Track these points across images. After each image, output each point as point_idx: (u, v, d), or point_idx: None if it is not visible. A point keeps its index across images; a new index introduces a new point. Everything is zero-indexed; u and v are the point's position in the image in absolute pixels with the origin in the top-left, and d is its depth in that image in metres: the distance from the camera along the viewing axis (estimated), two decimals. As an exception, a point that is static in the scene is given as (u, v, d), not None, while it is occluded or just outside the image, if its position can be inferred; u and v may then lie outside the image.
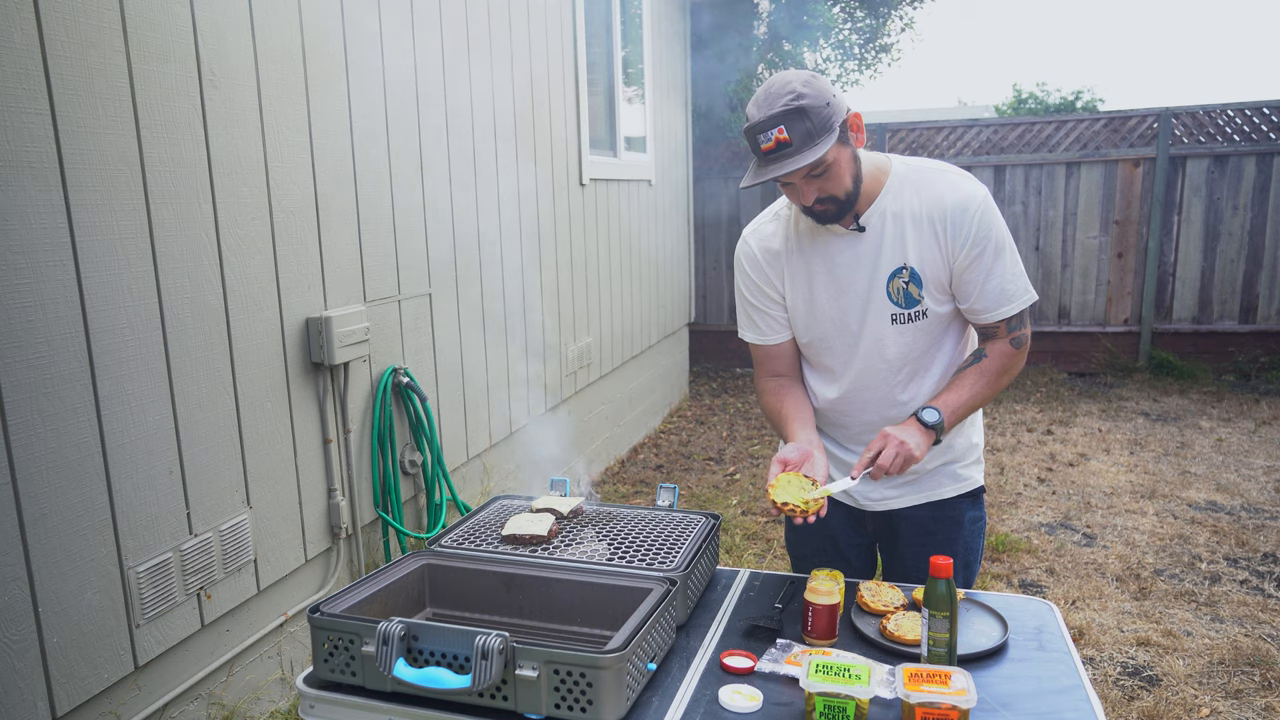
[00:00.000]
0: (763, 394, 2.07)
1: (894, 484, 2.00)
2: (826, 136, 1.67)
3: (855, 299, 1.87)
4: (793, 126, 1.65)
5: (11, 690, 1.88)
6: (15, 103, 1.84)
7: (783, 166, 1.67)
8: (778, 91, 1.67)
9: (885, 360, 1.89)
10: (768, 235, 1.97)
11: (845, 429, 2.02)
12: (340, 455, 2.95)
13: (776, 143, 1.66)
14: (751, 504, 4.89)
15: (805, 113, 1.65)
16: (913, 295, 1.84)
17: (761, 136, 1.67)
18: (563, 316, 4.75)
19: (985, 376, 1.85)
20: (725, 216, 8.29)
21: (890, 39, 8.58)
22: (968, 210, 1.78)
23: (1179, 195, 7.21)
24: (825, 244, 1.88)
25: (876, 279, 1.85)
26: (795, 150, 1.66)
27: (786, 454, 1.82)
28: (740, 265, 2.00)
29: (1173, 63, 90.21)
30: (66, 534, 1.99)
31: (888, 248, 1.83)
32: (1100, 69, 71.31)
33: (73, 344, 1.99)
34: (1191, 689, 2.98)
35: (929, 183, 1.82)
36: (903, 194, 1.82)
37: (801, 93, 1.66)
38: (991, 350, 1.87)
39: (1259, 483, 4.92)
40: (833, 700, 1.33)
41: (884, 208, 1.82)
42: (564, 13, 4.69)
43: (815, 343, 1.96)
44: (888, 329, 1.87)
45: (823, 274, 1.89)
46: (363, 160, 3.01)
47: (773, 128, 1.66)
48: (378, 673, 1.38)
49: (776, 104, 1.66)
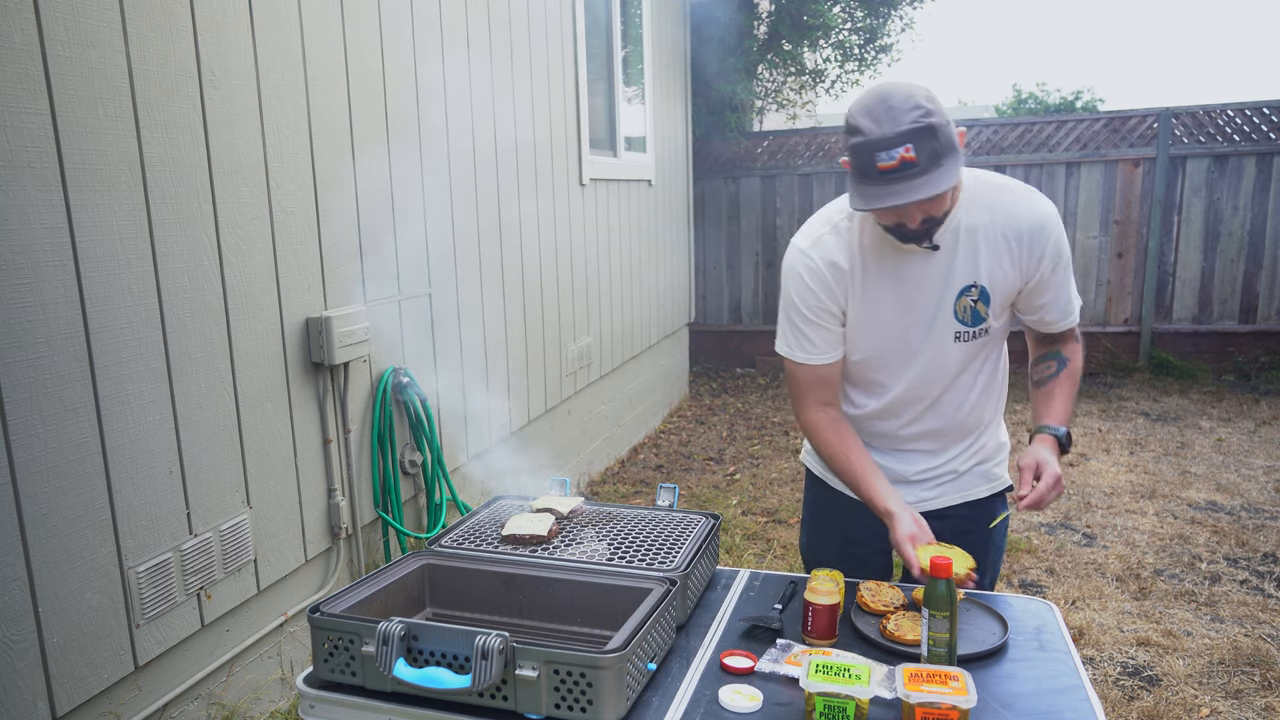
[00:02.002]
0: (816, 429, 1.93)
1: (932, 485, 2.00)
2: (953, 158, 1.57)
3: (920, 317, 1.82)
4: (921, 145, 1.54)
5: (11, 690, 1.88)
6: (15, 103, 1.84)
7: (912, 191, 1.55)
8: (901, 105, 1.55)
9: (940, 375, 1.88)
10: (830, 249, 1.83)
11: (882, 436, 2.00)
12: (340, 455, 2.95)
13: (901, 162, 1.54)
14: (751, 504, 4.89)
15: (934, 131, 1.54)
16: (979, 313, 1.82)
17: (882, 155, 1.54)
18: (563, 316, 4.75)
19: (1076, 379, 1.94)
20: (725, 216, 8.29)
21: (890, 39, 8.57)
22: (1045, 229, 1.77)
23: (1179, 195, 7.20)
24: (895, 261, 1.79)
25: (945, 297, 1.80)
26: (921, 171, 1.55)
27: (908, 530, 1.75)
28: (798, 279, 1.85)
29: (1173, 63, 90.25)
30: (66, 534, 1.99)
31: (960, 265, 1.78)
32: (1100, 69, 71.40)
33: (73, 344, 1.99)
34: (1191, 689, 2.98)
35: (1001, 199, 1.78)
36: (974, 210, 1.76)
37: (929, 109, 1.55)
38: (1069, 350, 1.94)
39: (1259, 483, 4.92)
40: (833, 700, 1.33)
41: (957, 223, 1.76)
42: (564, 12, 4.69)
43: (869, 360, 1.90)
44: (950, 346, 1.84)
45: (890, 291, 1.82)
46: (363, 160, 3.01)
47: (898, 146, 1.53)
48: (378, 673, 1.38)
49: (903, 120, 1.54)
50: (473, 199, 3.75)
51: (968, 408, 1.93)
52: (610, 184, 5.46)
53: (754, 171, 8.14)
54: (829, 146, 8.00)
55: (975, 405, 1.94)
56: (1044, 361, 1.95)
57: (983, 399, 1.95)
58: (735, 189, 8.22)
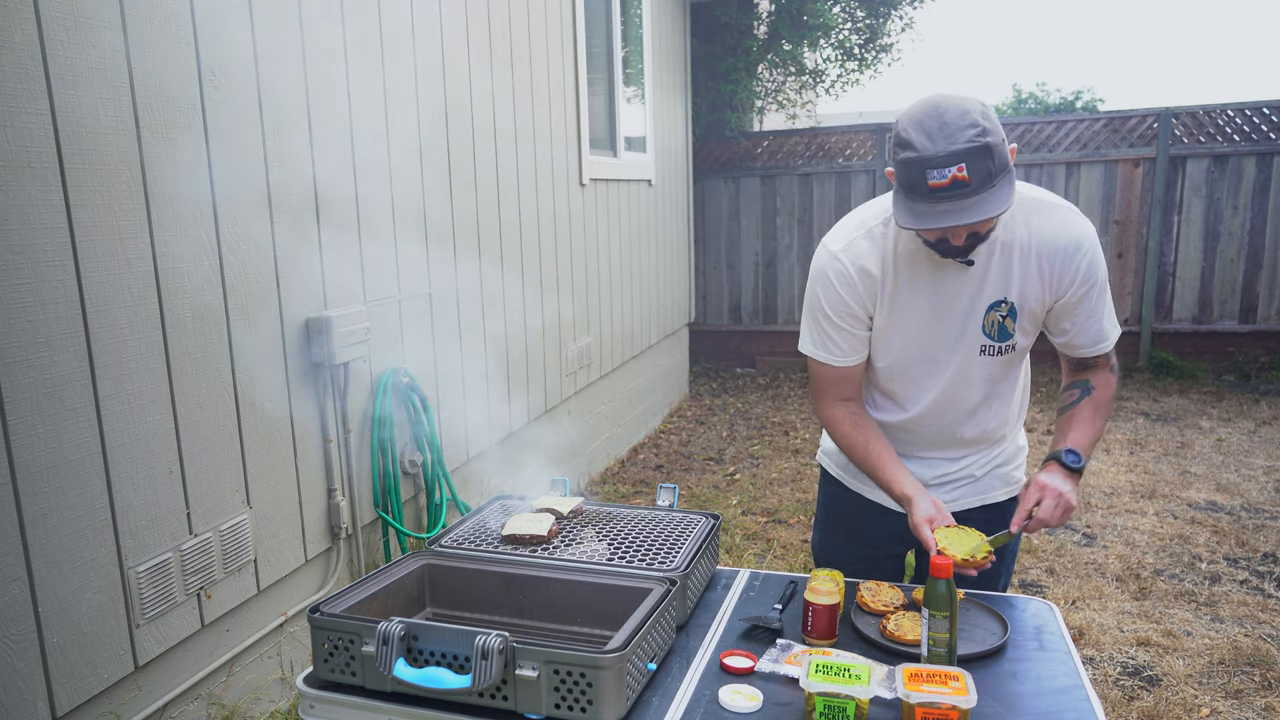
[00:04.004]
0: (835, 422, 1.93)
1: (952, 489, 1.99)
2: (1006, 178, 1.53)
3: (949, 329, 1.81)
4: (975, 166, 1.50)
5: (11, 690, 1.88)
6: (15, 103, 1.84)
7: (962, 213, 1.52)
8: (956, 121, 1.51)
9: (966, 389, 1.87)
10: (862, 254, 1.80)
11: (909, 443, 1.99)
12: (340, 455, 2.95)
13: (953, 180, 1.50)
14: (751, 504, 4.89)
15: (990, 151, 1.50)
16: (1007, 329, 1.80)
17: (935, 172, 1.50)
18: (563, 316, 4.75)
19: (1099, 409, 1.86)
20: (725, 216, 8.29)
21: (890, 39, 8.58)
22: (1081, 248, 1.74)
23: (1179, 195, 7.20)
24: (929, 272, 1.77)
25: (975, 310, 1.79)
26: (973, 191, 1.51)
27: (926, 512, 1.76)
28: (826, 280, 1.83)
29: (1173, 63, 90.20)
30: (66, 534, 1.99)
31: (992, 280, 1.76)
32: (1100, 69, 71.27)
33: (73, 344, 1.99)
34: (1191, 689, 2.98)
35: (1039, 216, 1.75)
36: (1012, 225, 1.74)
37: (986, 127, 1.51)
38: (1097, 380, 1.87)
39: (1259, 483, 4.92)
40: (833, 700, 1.33)
41: (994, 238, 1.73)
42: (564, 12, 4.69)
43: (892, 368, 1.89)
44: (975, 360, 1.83)
45: (921, 301, 1.80)
46: (363, 159, 3.01)
47: (951, 165, 1.49)
48: (378, 673, 1.38)
49: (958, 138, 1.50)
50: (473, 199, 3.75)
51: (990, 419, 1.92)
52: (610, 184, 5.46)
53: (754, 171, 8.14)
54: (829, 146, 8.00)
55: (997, 416, 1.93)
56: (1070, 389, 1.90)
57: (1004, 411, 1.94)
58: (735, 189, 8.22)
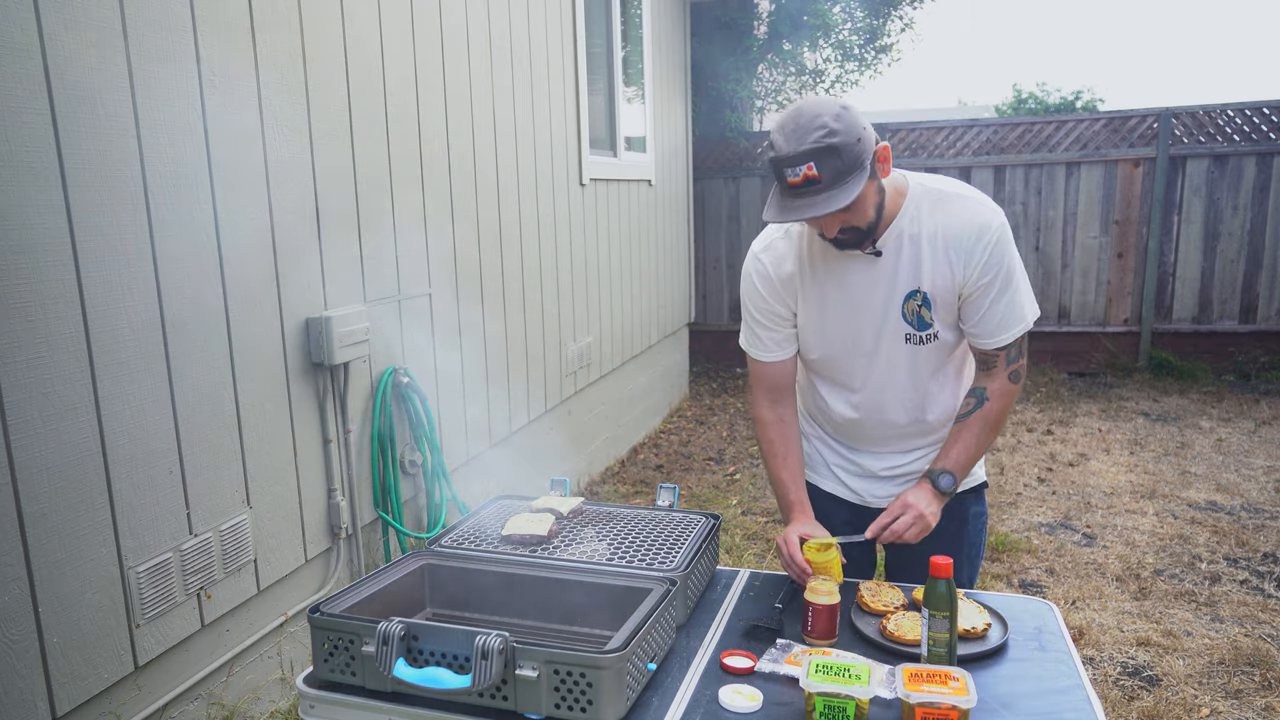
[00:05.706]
0: (762, 425, 2.04)
1: (900, 481, 2.02)
2: (858, 175, 1.62)
3: (870, 320, 1.86)
4: (823, 164, 1.60)
5: (11, 690, 1.88)
6: (15, 103, 1.84)
7: (813, 206, 1.62)
8: (808, 125, 1.61)
9: (903, 375, 1.91)
10: (780, 254, 1.92)
11: (859, 438, 2.04)
12: (340, 455, 2.95)
13: (805, 179, 1.61)
14: (751, 504, 4.89)
15: (837, 151, 1.59)
16: (924, 319, 1.84)
17: (789, 170, 1.62)
18: (563, 316, 4.75)
19: (989, 423, 1.87)
20: (725, 216, 8.29)
21: (890, 39, 8.58)
22: (982, 238, 1.77)
23: (1179, 195, 7.20)
24: (840, 265, 1.85)
25: (892, 301, 1.84)
26: (825, 188, 1.61)
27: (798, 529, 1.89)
28: (750, 282, 1.96)
29: (1173, 63, 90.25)
30: (66, 534, 1.99)
31: (903, 271, 1.82)
32: (1100, 69, 71.36)
33: (73, 344, 1.99)
34: (1191, 689, 2.98)
35: (945, 206, 1.80)
36: (919, 217, 1.80)
37: (834, 129, 1.59)
38: (992, 390, 1.87)
39: (1259, 483, 4.92)
40: (833, 700, 1.33)
41: (901, 230, 1.80)
42: (564, 12, 4.69)
43: (826, 359, 1.96)
44: (902, 348, 1.87)
45: (836, 295, 1.87)
46: (363, 159, 3.01)
47: (801, 164, 1.60)
48: (378, 673, 1.38)
49: (806, 139, 1.60)
50: (473, 198, 3.75)
51: (931, 409, 1.95)
52: (610, 184, 5.46)
53: (754, 171, 8.14)
54: (829, 146, 7.98)
55: (938, 405, 1.95)
56: (969, 396, 1.92)
57: (946, 400, 1.96)
58: (735, 189, 8.22)
